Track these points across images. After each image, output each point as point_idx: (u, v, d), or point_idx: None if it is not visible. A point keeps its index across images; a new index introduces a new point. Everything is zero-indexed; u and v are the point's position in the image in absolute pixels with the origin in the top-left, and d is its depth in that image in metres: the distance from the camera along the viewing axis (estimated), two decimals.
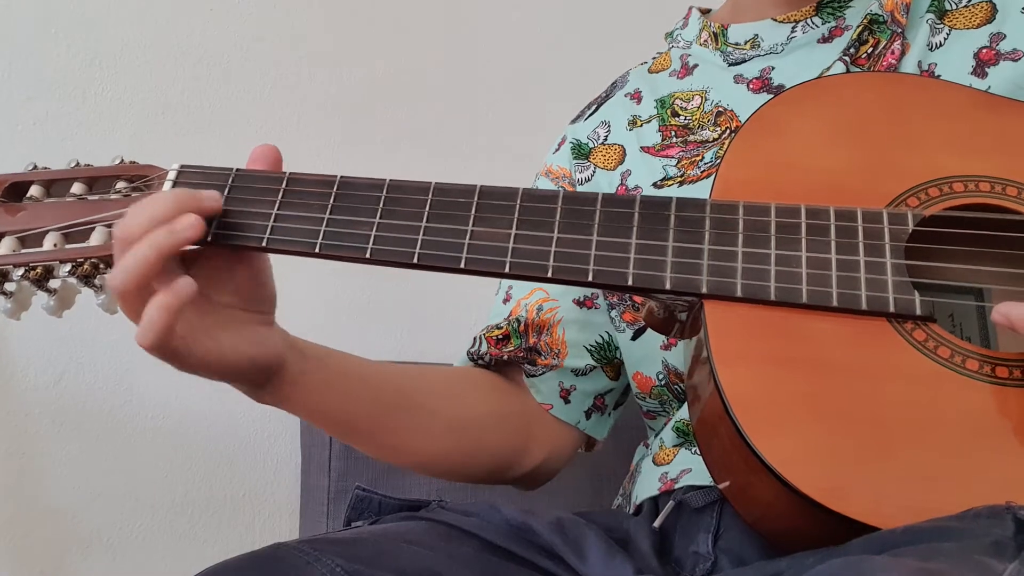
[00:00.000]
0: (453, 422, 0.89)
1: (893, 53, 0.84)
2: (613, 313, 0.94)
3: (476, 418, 0.91)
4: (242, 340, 0.73)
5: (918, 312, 0.65)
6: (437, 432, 0.88)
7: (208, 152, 1.42)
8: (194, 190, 0.71)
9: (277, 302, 0.76)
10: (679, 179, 0.89)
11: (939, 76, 0.82)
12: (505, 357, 0.94)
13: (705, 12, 0.99)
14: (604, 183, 0.95)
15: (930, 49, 0.84)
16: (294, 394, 0.78)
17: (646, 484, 0.88)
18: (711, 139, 0.89)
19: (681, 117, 0.92)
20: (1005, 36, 0.82)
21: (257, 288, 0.74)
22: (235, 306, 0.73)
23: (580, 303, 0.95)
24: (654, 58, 1.02)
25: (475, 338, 0.96)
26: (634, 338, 0.92)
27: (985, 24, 0.83)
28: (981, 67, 0.81)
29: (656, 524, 0.81)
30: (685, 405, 0.87)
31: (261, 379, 0.76)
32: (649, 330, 0.88)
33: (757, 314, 0.67)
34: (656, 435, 0.93)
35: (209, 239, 0.71)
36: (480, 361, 0.95)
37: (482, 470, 0.92)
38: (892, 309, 0.65)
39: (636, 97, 0.97)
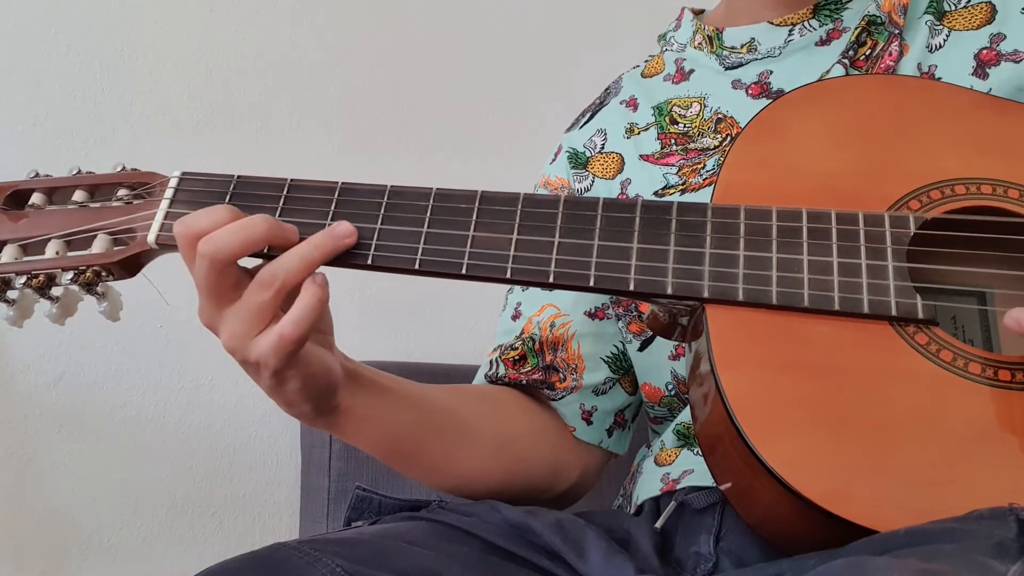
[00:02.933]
0: (498, 441, 0.87)
1: (891, 55, 0.83)
2: (620, 324, 0.93)
3: (517, 436, 0.89)
4: (305, 363, 0.71)
5: (920, 315, 0.65)
6: (482, 453, 0.86)
7: (208, 152, 1.43)
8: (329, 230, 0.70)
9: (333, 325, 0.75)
10: (681, 187, 0.88)
11: (939, 78, 0.82)
12: (524, 381, 0.92)
13: (698, 13, 0.98)
14: (603, 192, 0.93)
15: (930, 51, 0.83)
16: (346, 424, 0.77)
17: (647, 484, 0.87)
18: (712, 146, 0.88)
19: (680, 125, 0.91)
20: (1005, 37, 0.82)
21: None
22: None
23: (591, 315, 0.93)
24: (646, 61, 1.00)
25: (491, 361, 0.94)
26: (641, 349, 0.91)
27: (985, 25, 0.83)
28: (982, 68, 0.81)
29: (658, 525, 0.81)
30: (686, 407, 0.87)
31: (319, 406, 0.74)
32: (657, 340, 0.88)
33: (759, 318, 0.67)
34: (658, 436, 0.93)
35: None
36: (499, 384, 0.93)
37: (520, 490, 0.88)
38: (894, 312, 0.65)
39: (632, 104, 0.96)
